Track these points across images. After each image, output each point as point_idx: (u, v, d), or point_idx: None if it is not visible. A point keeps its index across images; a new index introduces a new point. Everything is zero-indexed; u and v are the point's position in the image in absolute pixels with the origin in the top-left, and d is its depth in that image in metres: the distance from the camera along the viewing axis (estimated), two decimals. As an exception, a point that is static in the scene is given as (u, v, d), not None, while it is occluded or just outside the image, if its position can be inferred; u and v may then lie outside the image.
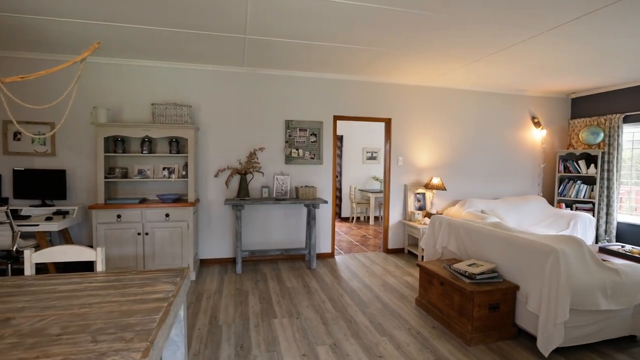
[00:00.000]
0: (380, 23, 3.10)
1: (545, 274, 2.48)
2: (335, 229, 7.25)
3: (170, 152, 4.29)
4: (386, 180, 5.36)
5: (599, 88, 5.64)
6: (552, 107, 6.11)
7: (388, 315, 3.16)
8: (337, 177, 8.44)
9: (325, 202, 4.48)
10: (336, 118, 5.07)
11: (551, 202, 6.05)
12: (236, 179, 4.69)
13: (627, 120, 5.39)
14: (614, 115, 5.45)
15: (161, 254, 3.93)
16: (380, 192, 7.81)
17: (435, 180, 5.19)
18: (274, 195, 4.61)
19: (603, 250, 3.93)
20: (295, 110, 4.88)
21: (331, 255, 5.11)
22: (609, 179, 5.48)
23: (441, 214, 5.36)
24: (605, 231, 5.54)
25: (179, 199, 4.26)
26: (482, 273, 2.78)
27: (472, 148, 5.70)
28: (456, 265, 2.96)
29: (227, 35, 3.45)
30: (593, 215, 5.47)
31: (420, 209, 5.42)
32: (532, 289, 2.59)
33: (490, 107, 5.75)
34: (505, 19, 2.99)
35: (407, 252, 5.37)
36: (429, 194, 5.44)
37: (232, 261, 4.72)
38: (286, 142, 4.84)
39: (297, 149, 4.89)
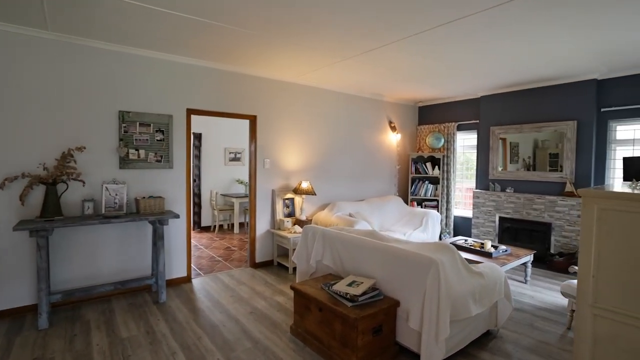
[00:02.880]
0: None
1: (426, 288, 2.32)
2: (194, 243, 6.24)
3: None
4: (252, 186, 4.76)
5: (440, 99, 6.37)
6: (404, 113, 6.63)
7: (260, 357, 2.57)
8: (195, 181, 7.36)
9: (177, 216, 3.58)
10: (190, 112, 4.18)
11: (406, 201, 6.56)
12: (39, 192, 3.29)
13: (459, 128, 6.23)
14: (451, 123, 6.24)
15: None
16: (246, 196, 7.15)
17: (305, 185, 4.87)
18: (103, 212, 3.43)
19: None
20: (135, 99, 3.77)
21: (187, 279, 4.20)
22: (447, 179, 6.25)
23: (311, 220, 5.09)
24: (446, 224, 6.30)
25: None
26: (364, 293, 2.48)
27: (339, 150, 5.64)
28: (336, 287, 2.59)
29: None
30: (438, 211, 6.14)
31: (290, 215, 5.02)
32: (413, 304, 2.42)
33: (354, 110, 5.81)
34: (380, 15, 2.78)
35: (276, 264, 4.89)
36: (298, 199, 5.10)
37: (35, 310, 3.31)
38: (121, 140, 3.69)
39: (137, 150, 3.79)
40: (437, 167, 6.26)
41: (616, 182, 4.67)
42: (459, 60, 4.01)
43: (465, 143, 6.32)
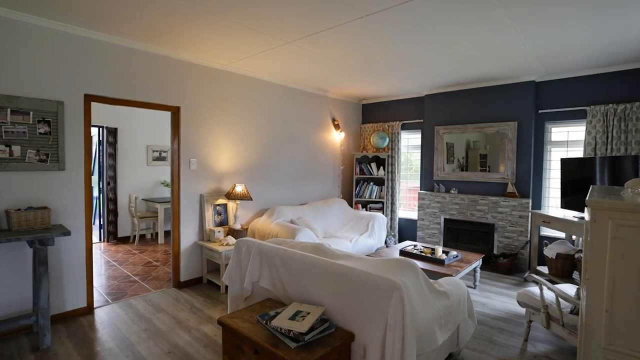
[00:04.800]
0: None
1: (388, 319, 1.88)
2: (106, 259, 5.21)
3: None
4: (175, 190, 3.99)
5: (384, 97, 6.12)
6: (348, 111, 6.27)
7: None
8: (109, 184, 6.25)
9: (67, 233, 2.74)
10: (90, 99, 3.31)
11: (350, 203, 6.21)
12: None
13: (404, 127, 6.04)
14: (395, 122, 6.01)
15: None
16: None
17: (239, 188, 4.23)
18: (-50, 231, 2.47)
19: (404, 253, 3.97)
20: (3, 78, 2.83)
21: (88, 310, 3.32)
22: (392, 180, 6.01)
23: (247, 228, 4.46)
24: (391, 227, 6.07)
25: None
26: (311, 329, 1.96)
27: (279, 149, 5.07)
28: (276, 322, 2.04)
29: None
30: (383, 213, 5.88)
31: (222, 224, 4.34)
32: (371, 338, 1.96)
33: (296, 105, 5.28)
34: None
35: (206, 281, 4.18)
36: (232, 205, 4.43)
37: None
38: (-18, 132, 2.73)
39: (9, 145, 2.85)
40: (382, 167, 6.00)
41: (552, 182, 4.76)
42: (404, 52, 3.69)
43: (410, 143, 6.15)
